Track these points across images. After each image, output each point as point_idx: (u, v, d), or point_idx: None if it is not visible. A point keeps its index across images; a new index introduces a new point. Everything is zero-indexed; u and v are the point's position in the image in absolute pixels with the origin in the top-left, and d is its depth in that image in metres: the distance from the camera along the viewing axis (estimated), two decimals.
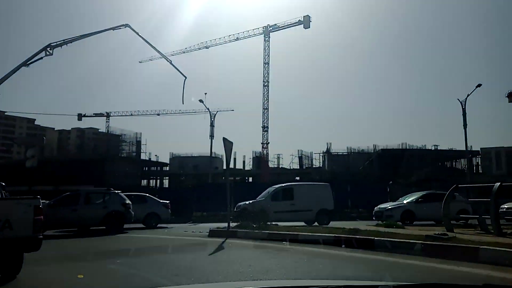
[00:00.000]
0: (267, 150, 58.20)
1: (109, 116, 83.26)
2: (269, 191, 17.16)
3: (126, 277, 5.80)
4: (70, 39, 31.03)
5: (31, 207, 5.63)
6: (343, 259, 7.31)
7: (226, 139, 11.66)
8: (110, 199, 14.59)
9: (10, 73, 29.08)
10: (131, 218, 14.86)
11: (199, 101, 33.54)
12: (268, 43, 58.41)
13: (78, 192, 14.83)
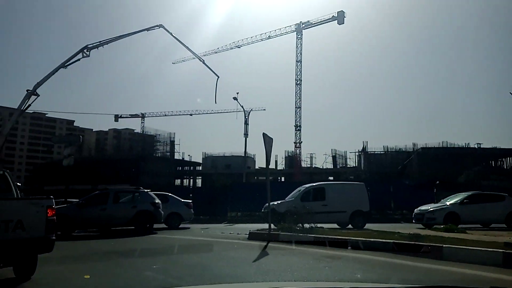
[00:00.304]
0: (300, 149, 57.31)
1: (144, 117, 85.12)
2: (299, 190, 16.26)
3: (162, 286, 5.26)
4: (106, 40, 31.49)
5: (44, 207, 5.51)
6: (411, 270, 6.23)
7: (266, 135, 10.88)
8: (139, 198, 14.17)
9: (49, 75, 29.83)
10: (161, 218, 14.47)
11: (233, 99, 33.01)
12: (301, 40, 57.49)
13: (107, 191, 14.48)
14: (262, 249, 8.59)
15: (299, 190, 16.27)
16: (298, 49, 57.56)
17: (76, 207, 13.62)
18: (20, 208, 5.57)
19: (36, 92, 29.65)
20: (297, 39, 57.52)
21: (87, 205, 13.67)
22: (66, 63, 30.39)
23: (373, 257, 7.25)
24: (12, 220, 5.27)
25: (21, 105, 29.61)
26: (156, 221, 14.28)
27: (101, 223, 13.68)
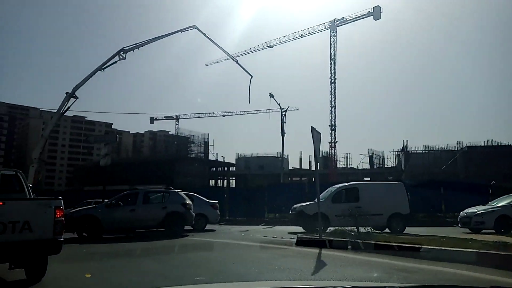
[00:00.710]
0: (335, 149, 55.92)
1: (178, 118, 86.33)
2: (330, 191, 14.99)
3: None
4: (141, 42, 31.77)
5: (52, 208, 5.40)
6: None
7: (314, 129, 10.03)
8: (170, 199, 13.46)
9: (87, 77, 30.39)
10: (192, 219, 13.72)
11: (269, 96, 32.17)
12: (335, 38, 56.15)
13: (136, 191, 13.77)
14: (317, 258, 7.67)
15: (330, 190, 15.08)
16: (332, 47, 56.29)
17: (105, 208, 13.00)
18: (28, 209, 5.44)
19: (75, 94, 30.28)
20: (331, 37, 56.24)
21: (116, 205, 13.02)
22: (104, 66, 30.87)
23: (458, 271, 5.93)
24: (19, 221, 5.16)
25: (61, 107, 30.35)
26: (187, 223, 13.57)
27: (130, 225, 12.92)
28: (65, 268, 6.61)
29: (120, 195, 13.66)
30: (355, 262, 7.22)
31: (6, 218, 5.10)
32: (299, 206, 14.39)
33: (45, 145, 33.40)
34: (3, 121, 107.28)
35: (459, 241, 8.19)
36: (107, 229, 12.67)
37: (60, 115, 30.67)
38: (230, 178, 67.94)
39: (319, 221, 10.05)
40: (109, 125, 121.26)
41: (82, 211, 13.22)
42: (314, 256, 7.79)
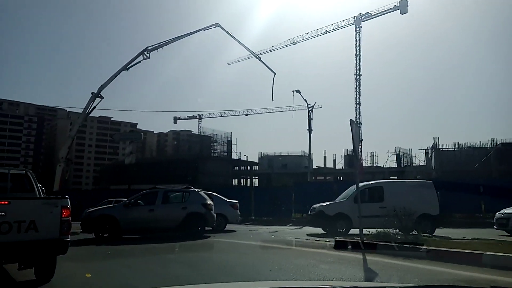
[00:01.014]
0: (361, 147, 54.52)
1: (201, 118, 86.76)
2: (352, 190, 13.79)
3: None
4: (165, 41, 31.73)
5: (58, 207, 5.32)
6: None
7: (353, 122, 9.33)
8: (190, 199, 12.74)
9: (112, 77, 30.59)
10: (213, 221, 12.94)
11: (295, 92, 31.33)
12: (360, 33, 54.88)
13: (155, 190, 13.02)
14: (363, 265, 6.83)
15: (351, 189, 13.94)
16: (357, 42, 55.04)
17: (123, 208, 12.38)
18: (33, 208, 5.33)
19: (101, 94, 30.52)
20: (356, 32, 55.00)
21: (134, 205, 12.42)
22: (128, 66, 30.99)
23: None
24: (24, 220, 5.08)
25: (87, 107, 30.65)
26: (208, 224, 12.77)
27: (149, 225, 12.16)
28: (72, 268, 6.46)
29: (138, 194, 13.11)
30: (408, 270, 6.25)
31: (11, 218, 5.02)
32: (319, 206, 13.61)
33: (72, 145, 33.89)
34: (32, 122, 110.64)
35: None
36: (125, 230, 12.02)
37: (86, 115, 31.00)
38: (253, 177, 67.66)
39: (360, 223, 9.30)
40: (134, 125, 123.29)
41: (99, 210, 12.81)
42: (359, 263, 6.96)
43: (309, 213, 14.06)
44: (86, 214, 12.64)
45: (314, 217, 13.59)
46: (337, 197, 14.88)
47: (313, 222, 13.75)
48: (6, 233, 4.96)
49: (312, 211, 13.89)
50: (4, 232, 4.96)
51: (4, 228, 4.97)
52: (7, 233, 4.96)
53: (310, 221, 14.01)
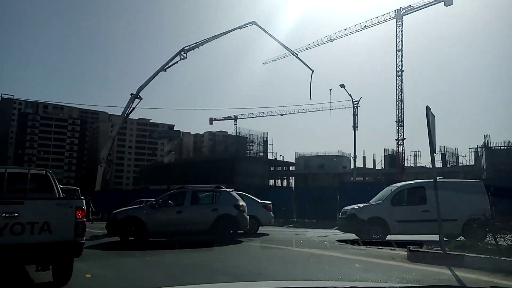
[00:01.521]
0: (403, 147, 52.45)
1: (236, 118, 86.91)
2: (389, 191, 12.32)
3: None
4: (201, 41, 31.77)
5: (73, 208, 5.16)
6: None
7: (429, 110, 8.07)
8: (221, 200, 11.74)
9: (150, 78, 30.94)
10: (246, 224, 11.84)
11: (340, 86, 29.96)
12: (401, 27, 52.78)
13: (183, 190, 12.11)
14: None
15: (388, 190, 12.46)
16: (398, 37, 52.96)
17: (150, 209, 11.57)
18: (47, 209, 5.17)
19: (139, 95, 30.93)
20: (397, 27, 52.94)
21: (161, 206, 11.67)
22: (166, 66, 31.24)
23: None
24: (38, 221, 4.94)
25: (126, 108, 31.13)
26: (240, 228, 11.65)
27: (176, 228, 11.16)
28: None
29: (166, 194, 12.38)
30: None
31: (24, 219, 4.88)
32: (351, 208, 12.22)
33: (113, 146, 34.66)
34: (76, 125, 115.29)
35: None
36: (152, 232, 11.18)
37: (126, 116, 31.59)
38: (290, 178, 66.80)
39: (440, 231, 7.93)
40: (171, 126, 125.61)
41: (125, 212, 11.90)
42: (448, 281, 5.60)
43: (340, 216, 12.77)
44: (111, 215, 11.86)
45: (345, 221, 12.16)
46: (362, 199, 13.70)
47: (344, 227, 12.39)
48: (19, 234, 4.83)
49: (343, 215, 12.43)
50: (17, 234, 4.83)
51: (17, 229, 4.84)
52: (20, 235, 4.84)
53: (341, 225, 12.67)
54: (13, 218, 4.84)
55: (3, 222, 4.79)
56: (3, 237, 4.77)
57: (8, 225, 4.80)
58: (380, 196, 12.41)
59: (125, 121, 32.10)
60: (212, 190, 12.42)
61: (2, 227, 4.78)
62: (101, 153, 33.32)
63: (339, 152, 67.07)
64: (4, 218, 4.81)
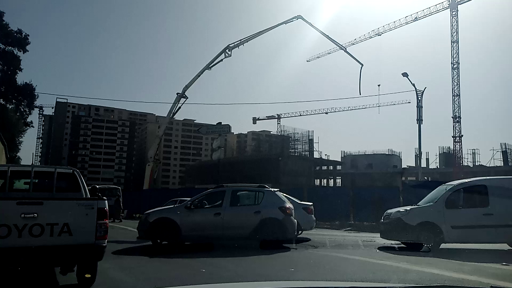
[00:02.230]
0: (460, 144, 48.99)
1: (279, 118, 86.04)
2: (442, 191, 10.48)
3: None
4: (246, 38, 31.18)
5: (94, 209, 4.92)
6: None
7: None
8: (264, 201, 10.33)
9: (195, 77, 30.81)
10: (294, 229, 10.32)
11: (402, 75, 27.89)
12: (456, 18, 49.37)
13: (222, 189, 10.75)
14: None
15: (442, 190, 10.59)
16: (453, 28, 49.60)
17: (185, 210, 10.26)
18: (68, 210, 4.89)
19: (185, 94, 30.89)
20: (452, 17, 49.57)
21: (197, 207, 10.39)
22: (210, 65, 30.96)
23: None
24: (57, 223, 4.72)
25: (172, 108, 31.21)
26: (287, 234, 10.02)
27: (214, 232, 9.90)
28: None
29: (203, 194, 10.97)
30: None
31: (44, 220, 4.66)
32: (395, 212, 10.62)
33: (160, 145, 35.01)
34: (125, 126, 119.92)
35: None
36: (186, 236, 10.00)
37: (173, 115, 31.69)
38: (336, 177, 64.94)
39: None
40: None
41: (157, 213, 10.66)
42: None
43: (382, 221, 10.90)
44: (143, 216, 10.78)
45: (389, 227, 10.40)
46: (411, 201, 12.02)
47: (387, 233, 10.49)
48: (38, 236, 4.60)
49: (386, 219, 10.72)
50: (36, 235, 4.60)
51: (36, 230, 4.61)
52: (39, 236, 4.60)
53: (384, 231, 10.66)
54: (32, 219, 4.62)
55: (22, 223, 4.57)
56: (21, 238, 4.54)
57: (27, 226, 4.59)
58: (432, 197, 10.68)
59: (171, 120, 32.19)
60: (254, 189, 10.96)
61: (21, 228, 4.55)
62: (149, 153, 33.74)
63: (389, 150, 64.24)
64: (23, 219, 4.59)
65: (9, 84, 26.29)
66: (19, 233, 4.54)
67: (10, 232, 4.52)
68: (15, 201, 4.82)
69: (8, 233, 4.51)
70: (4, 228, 4.50)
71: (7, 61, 26.04)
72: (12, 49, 26.79)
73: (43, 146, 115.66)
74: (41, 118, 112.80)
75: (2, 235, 4.48)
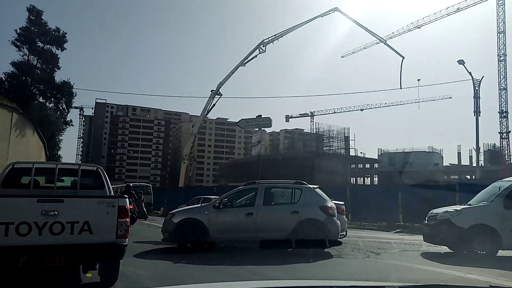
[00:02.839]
0: (507, 140, 46.04)
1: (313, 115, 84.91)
2: (498, 188, 9.17)
3: None
4: (281, 33, 30.58)
5: (115, 207, 4.85)
6: None
7: None
8: (302, 199, 9.12)
9: (229, 74, 30.52)
10: (337, 232, 9.03)
11: (458, 62, 26.10)
12: (503, 7, 46.38)
13: (254, 186, 9.59)
14: None
15: (497, 188, 9.29)
16: (499, 18, 46.66)
17: (213, 209, 9.23)
18: (88, 208, 4.86)
19: (219, 92, 30.69)
20: (498, 6, 46.64)
21: (226, 206, 9.36)
22: (245, 61, 30.59)
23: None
24: (78, 221, 4.68)
25: (207, 105, 31.09)
26: (330, 237, 8.73)
27: (247, 235, 8.97)
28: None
29: (232, 191, 9.83)
30: None
31: (64, 218, 4.61)
32: (443, 212, 9.30)
33: (194, 143, 35.06)
34: (161, 125, 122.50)
35: None
36: (215, 240, 9.05)
37: (207, 113, 31.58)
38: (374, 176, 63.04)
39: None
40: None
41: (183, 213, 9.69)
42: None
43: (426, 222, 9.63)
44: (167, 217, 9.73)
45: (435, 229, 9.12)
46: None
47: (432, 237, 9.27)
48: (58, 234, 4.55)
49: (431, 220, 9.43)
50: (56, 234, 4.56)
51: (57, 228, 4.56)
52: (59, 235, 4.56)
53: (428, 234, 9.44)
54: (52, 216, 4.56)
55: (42, 221, 4.52)
56: (42, 236, 4.50)
57: (47, 224, 4.53)
58: (485, 196, 9.39)
59: (205, 118, 32.07)
60: (291, 186, 9.72)
61: (41, 226, 4.51)
62: (184, 150, 33.88)
63: (429, 148, 61.65)
64: (44, 217, 4.54)
65: (48, 83, 27.00)
66: (39, 231, 4.48)
67: (30, 230, 4.45)
68: (35, 199, 4.72)
69: (29, 231, 4.44)
70: (24, 226, 4.43)
71: (46, 59, 26.82)
72: (51, 47, 27.66)
73: (84, 145, 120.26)
74: (82, 118, 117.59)
75: (23, 233, 4.42)
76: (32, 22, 27.19)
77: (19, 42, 26.57)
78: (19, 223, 4.42)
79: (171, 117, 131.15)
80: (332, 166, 51.69)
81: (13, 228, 4.40)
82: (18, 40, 26.68)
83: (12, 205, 4.62)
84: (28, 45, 26.92)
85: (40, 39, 27.52)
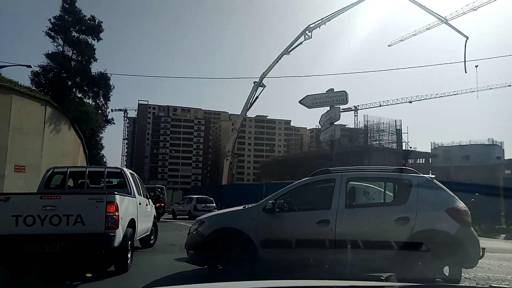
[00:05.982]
0: None
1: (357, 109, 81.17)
2: None
3: None
4: (327, 16, 28.18)
5: (103, 202, 5.56)
6: None
7: None
8: (414, 197, 5.57)
9: (273, 63, 28.63)
10: (478, 252, 5.36)
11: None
12: None
13: (329, 177, 6.05)
14: None
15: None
16: None
17: (263, 214, 5.80)
18: (80, 203, 5.63)
19: (263, 83, 28.87)
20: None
21: (284, 209, 5.85)
22: (289, 49, 28.53)
23: None
24: (72, 214, 5.48)
25: (250, 97, 29.32)
26: (469, 261, 5.45)
27: (322, 256, 5.68)
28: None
29: (292, 187, 6.16)
30: None
31: (61, 211, 5.46)
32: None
33: (236, 139, 33.45)
34: (201, 125, 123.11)
35: None
36: (266, 261, 5.65)
37: (250, 105, 29.79)
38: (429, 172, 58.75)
39: None
40: (287, 122, 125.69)
41: (217, 219, 6.33)
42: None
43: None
44: (193, 226, 6.23)
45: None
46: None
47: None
48: (56, 225, 5.43)
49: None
50: (55, 224, 5.43)
51: (55, 220, 5.44)
52: (57, 225, 5.43)
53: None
54: (51, 210, 5.44)
55: (44, 214, 5.41)
56: (43, 227, 5.38)
57: (47, 216, 5.41)
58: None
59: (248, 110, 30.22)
60: (391, 176, 6.04)
61: (43, 218, 5.40)
62: (227, 146, 32.35)
63: (489, 140, 56.47)
64: (45, 210, 5.42)
65: (84, 75, 25.85)
66: (41, 222, 5.39)
67: (35, 221, 5.38)
68: (38, 196, 5.72)
69: (34, 222, 5.38)
70: (30, 218, 5.37)
71: (81, 50, 25.62)
72: (86, 37, 26.29)
73: (128, 146, 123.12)
74: (126, 120, 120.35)
75: (29, 224, 5.37)
76: (66, 11, 25.98)
77: (53, 32, 25.47)
78: (26, 216, 5.35)
79: (210, 116, 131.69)
80: (384, 161, 48.35)
81: (21, 220, 5.34)
82: (52, 29, 25.58)
83: (21, 201, 5.59)
84: (62, 35, 25.78)
85: (75, 28, 26.26)
